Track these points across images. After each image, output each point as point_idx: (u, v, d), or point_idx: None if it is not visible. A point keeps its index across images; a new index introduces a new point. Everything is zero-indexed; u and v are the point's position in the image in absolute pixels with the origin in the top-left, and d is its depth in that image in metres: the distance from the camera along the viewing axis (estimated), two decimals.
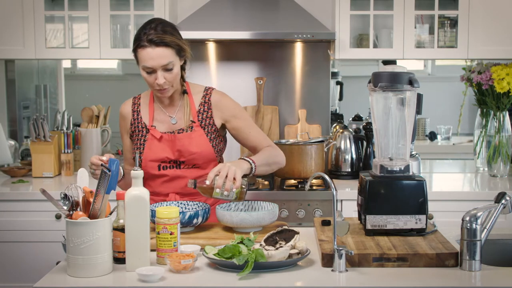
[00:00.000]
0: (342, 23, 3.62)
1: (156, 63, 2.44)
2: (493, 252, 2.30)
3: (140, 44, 2.45)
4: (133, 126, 2.64)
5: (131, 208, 1.98)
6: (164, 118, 2.62)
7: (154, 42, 2.43)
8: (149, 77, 2.49)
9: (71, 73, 5.50)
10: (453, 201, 3.34)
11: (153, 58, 2.43)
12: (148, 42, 2.43)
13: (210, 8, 3.65)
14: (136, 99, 2.68)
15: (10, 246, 3.39)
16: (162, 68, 2.45)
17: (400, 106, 2.27)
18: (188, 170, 2.58)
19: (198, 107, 2.61)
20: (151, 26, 2.47)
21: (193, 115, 2.60)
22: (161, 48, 2.44)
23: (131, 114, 2.65)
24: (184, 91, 2.62)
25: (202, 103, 2.62)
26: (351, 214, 3.22)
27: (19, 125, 4.33)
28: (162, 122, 2.61)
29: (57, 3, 3.90)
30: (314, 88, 3.98)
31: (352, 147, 3.73)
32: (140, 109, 2.64)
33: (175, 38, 2.48)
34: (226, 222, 2.32)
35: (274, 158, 2.62)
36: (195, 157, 2.56)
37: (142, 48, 2.45)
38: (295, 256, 2.03)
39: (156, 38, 2.43)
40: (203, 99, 2.63)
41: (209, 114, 2.61)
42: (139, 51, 2.46)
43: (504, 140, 3.73)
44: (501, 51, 3.64)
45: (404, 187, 2.23)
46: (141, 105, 2.65)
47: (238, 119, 2.64)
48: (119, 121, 2.70)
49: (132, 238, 1.99)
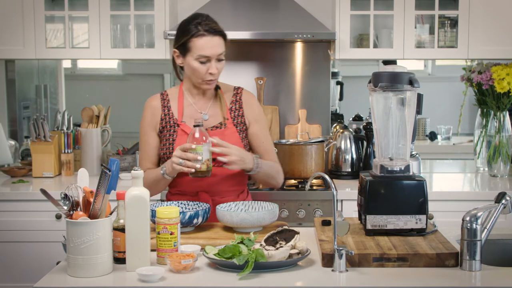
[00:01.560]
0: (342, 23, 3.62)
1: (213, 52, 2.48)
2: (493, 252, 2.30)
3: (197, 33, 2.48)
4: (164, 121, 2.61)
5: (131, 208, 1.98)
6: (195, 113, 2.61)
7: (211, 31, 2.48)
8: (202, 66, 2.50)
9: (71, 73, 5.49)
10: (453, 201, 3.34)
11: (211, 46, 2.48)
12: (205, 31, 2.48)
13: (210, 8, 3.65)
14: (164, 95, 2.65)
15: (10, 246, 3.39)
16: (216, 58, 2.49)
17: (400, 106, 2.27)
18: (218, 169, 2.53)
19: (230, 105, 2.63)
20: (202, 18, 2.52)
21: (226, 111, 2.61)
22: (218, 37, 2.50)
23: (161, 109, 2.62)
24: (217, 87, 2.64)
25: (233, 101, 2.64)
26: (351, 214, 3.22)
27: (19, 125, 4.33)
28: (193, 118, 2.59)
29: (57, 3, 3.90)
30: (314, 88, 3.98)
31: (352, 147, 3.73)
32: (170, 105, 2.62)
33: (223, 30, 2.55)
34: (226, 222, 2.32)
35: (277, 174, 2.66)
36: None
37: (200, 37, 2.48)
38: (295, 256, 2.03)
39: (212, 28, 2.49)
40: (234, 97, 2.65)
41: (240, 112, 2.63)
42: (194, 40, 2.48)
43: (504, 140, 3.73)
44: (501, 51, 3.64)
45: (404, 187, 2.23)
46: (171, 100, 2.63)
47: (258, 125, 2.66)
48: (145, 117, 2.63)
49: (132, 238, 1.99)
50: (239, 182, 2.64)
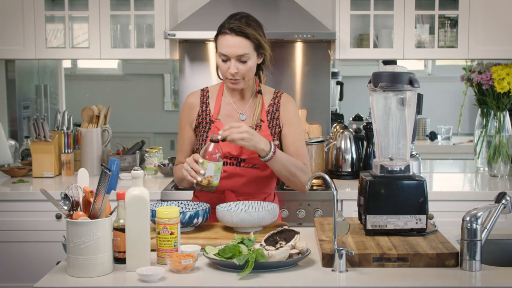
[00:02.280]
0: (342, 23, 3.62)
1: (232, 51, 2.48)
2: (493, 252, 2.29)
3: (221, 30, 2.51)
4: (200, 117, 2.62)
5: (132, 208, 1.98)
6: (232, 113, 2.62)
7: (234, 31, 2.48)
8: (224, 65, 2.51)
9: (71, 73, 5.50)
10: (453, 201, 3.34)
11: (230, 46, 2.48)
12: (229, 30, 2.49)
13: (210, 8, 3.65)
14: (205, 91, 2.67)
15: (10, 246, 3.39)
16: (236, 58, 2.49)
17: (400, 106, 2.27)
18: (247, 170, 2.55)
19: (268, 108, 2.63)
20: (236, 17, 2.53)
21: (263, 114, 2.61)
22: (240, 37, 2.48)
23: (199, 105, 2.63)
24: (259, 91, 2.63)
25: (271, 104, 2.64)
26: (351, 214, 3.23)
27: (19, 125, 4.33)
28: (230, 117, 2.60)
29: (57, 3, 3.90)
30: (314, 88, 3.98)
31: (352, 147, 3.73)
32: (209, 102, 2.64)
33: (256, 32, 2.52)
34: (226, 222, 2.32)
35: (298, 171, 2.55)
36: (255, 156, 2.52)
37: (223, 35, 2.50)
38: (295, 256, 2.03)
39: (237, 27, 2.48)
40: (272, 100, 2.65)
41: (277, 115, 2.62)
42: (219, 38, 2.51)
43: (504, 140, 3.73)
44: (501, 51, 3.65)
45: (404, 187, 2.23)
46: (210, 97, 2.65)
47: (291, 127, 2.63)
48: (183, 111, 2.67)
49: (132, 238, 1.99)
50: (266, 185, 2.64)
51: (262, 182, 2.61)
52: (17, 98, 4.30)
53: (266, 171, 2.58)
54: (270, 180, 2.65)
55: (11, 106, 4.29)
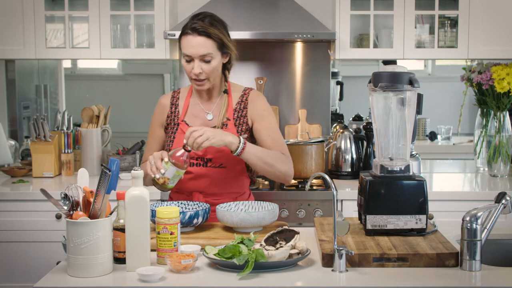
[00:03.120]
0: (342, 23, 3.62)
1: (194, 52, 2.48)
2: (493, 252, 2.30)
3: (184, 31, 2.51)
4: (169, 118, 2.65)
5: (132, 208, 1.98)
6: (199, 113, 2.63)
7: (196, 31, 2.48)
8: (187, 65, 2.52)
9: (71, 73, 5.49)
10: (453, 201, 3.34)
11: (193, 46, 2.48)
12: (191, 30, 2.49)
13: (210, 8, 3.65)
14: (176, 93, 2.70)
15: (10, 246, 3.39)
16: (200, 58, 2.49)
17: (400, 106, 2.27)
18: (214, 170, 2.56)
19: (235, 106, 2.63)
20: (199, 17, 2.52)
21: (229, 113, 2.61)
22: (202, 37, 2.48)
23: (169, 107, 2.67)
24: (225, 90, 2.64)
25: (239, 102, 2.64)
26: (351, 214, 3.22)
27: (19, 125, 4.33)
28: (197, 117, 2.62)
29: (57, 3, 3.90)
30: (314, 88, 3.98)
31: (352, 147, 3.73)
32: (178, 103, 2.66)
33: (219, 32, 2.52)
34: (226, 222, 2.32)
35: (275, 161, 2.54)
36: (221, 155, 2.54)
37: (185, 35, 2.50)
38: (295, 256, 2.03)
39: (199, 27, 2.48)
40: (240, 98, 2.65)
41: (244, 112, 2.63)
42: (182, 38, 2.52)
43: (504, 140, 3.73)
44: (501, 51, 3.64)
45: (404, 187, 2.23)
46: (180, 99, 2.67)
47: (263, 121, 2.63)
48: (155, 112, 2.70)
49: (132, 238, 1.99)
50: (235, 185, 2.63)
51: (229, 182, 2.61)
52: (17, 98, 4.30)
53: (233, 171, 2.58)
54: (239, 180, 2.64)
55: (11, 106, 4.28)
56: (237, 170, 2.59)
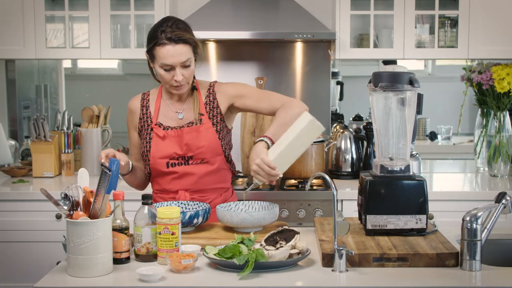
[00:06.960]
0: (343, 23, 3.62)
1: (176, 60, 2.46)
2: (494, 252, 2.30)
3: (158, 42, 2.47)
4: (142, 121, 2.65)
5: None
6: (171, 113, 2.63)
7: (173, 40, 2.46)
8: (167, 74, 2.50)
9: (71, 73, 5.49)
10: (453, 201, 3.34)
11: (173, 55, 2.46)
12: (167, 40, 2.46)
13: (210, 8, 3.65)
14: (145, 95, 2.69)
15: (10, 246, 3.39)
16: (180, 65, 2.48)
17: (401, 106, 2.27)
18: (197, 166, 2.57)
19: (205, 99, 2.63)
20: (167, 24, 2.49)
21: (201, 107, 2.62)
22: (180, 45, 2.47)
23: (140, 109, 2.66)
24: (193, 87, 2.64)
25: (207, 95, 2.64)
26: (352, 214, 3.22)
27: (20, 125, 4.33)
28: (170, 118, 2.62)
29: (58, 3, 3.90)
30: (314, 88, 3.97)
31: (353, 147, 3.73)
32: (149, 105, 2.66)
33: (191, 35, 2.52)
34: (227, 222, 2.32)
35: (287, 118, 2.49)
36: (202, 151, 2.56)
37: (161, 46, 2.46)
38: (295, 256, 2.03)
39: (175, 36, 2.46)
40: (208, 91, 2.65)
41: (215, 103, 2.63)
42: (158, 49, 2.47)
43: (505, 140, 3.73)
44: (501, 51, 3.64)
45: (404, 187, 2.23)
46: (150, 101, 2.67)
47: (243, 98, 2.63)
48: (127, 116, 2.71)
49: None
50: (220, 180, 2.64)
51: (213, 176, 2.61)
52: (17, 98, 4.30)
53: (215, 164, 2.58)
54: (223, 174, 2.64)
55: (11, 106, 4.29)
56: (218, 161, 2.59)
